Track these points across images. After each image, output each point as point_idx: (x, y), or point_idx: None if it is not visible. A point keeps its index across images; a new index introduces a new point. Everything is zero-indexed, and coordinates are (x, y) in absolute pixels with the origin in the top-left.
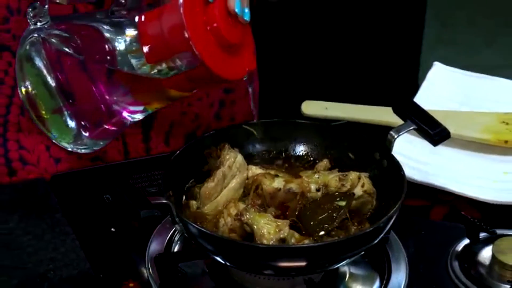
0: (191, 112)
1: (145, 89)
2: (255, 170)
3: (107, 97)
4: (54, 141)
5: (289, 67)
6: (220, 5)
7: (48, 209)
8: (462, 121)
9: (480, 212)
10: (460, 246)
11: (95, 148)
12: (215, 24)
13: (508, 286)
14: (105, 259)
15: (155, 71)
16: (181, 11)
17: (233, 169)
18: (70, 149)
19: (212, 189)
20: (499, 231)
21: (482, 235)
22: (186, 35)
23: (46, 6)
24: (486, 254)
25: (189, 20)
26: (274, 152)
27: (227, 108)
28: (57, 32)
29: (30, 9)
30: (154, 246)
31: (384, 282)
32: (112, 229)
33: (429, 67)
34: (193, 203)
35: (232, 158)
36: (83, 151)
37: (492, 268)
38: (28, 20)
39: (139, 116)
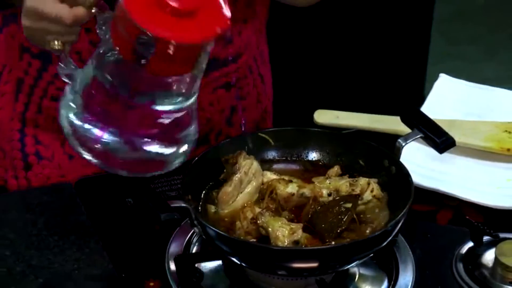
0: (203, 117)
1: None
2: (270, 175)
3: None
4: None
5: (303, 77)
6: None
7: (74, 212)
8: (467, 130)
9: (484, 216)
10: (464, 249)
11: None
12: None
13: (510, 287)
14: (127, 259)
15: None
16: None
17: (249, 175)
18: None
19: (229, 193)
20: (502, 235)
21: (486, 238)
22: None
23: (70, 60)
24: (489, 256)
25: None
26: (288, 158)
27: (238, 114)
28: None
29: (59, 69)
30: (174, 247)
31: (392, 282)
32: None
33: (434, 79)
34: (211, 207)
35: (248, 165)
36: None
37: (495, 270)
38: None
39: None
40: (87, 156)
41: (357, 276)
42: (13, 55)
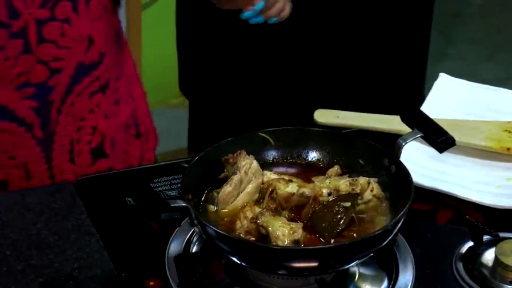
0: (88, 127)
1: None
2: (270, 175)
3: None
4: None
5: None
6: None
7: (74, 211)
8: (467, 130)
9: (484, 216)
10: (464, 248)
11: None
12: None
13: (510, 287)
14: (127, 259)
15: None
16: None
17: (249, 174)
18: None
19: (229, 193)
20: (501, 234)
21: (486, 237)
22: None
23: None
24: (489, 256)
25: None
26: (288, 158)
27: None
28: None
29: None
30: (174, 247)
31: (392, 282)
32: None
33: (434, 78)
34: (211, 206)
35: (248, 164)
36: None
37: (495, 270)
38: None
39: None
40: None
41: (357, 276)
42: None
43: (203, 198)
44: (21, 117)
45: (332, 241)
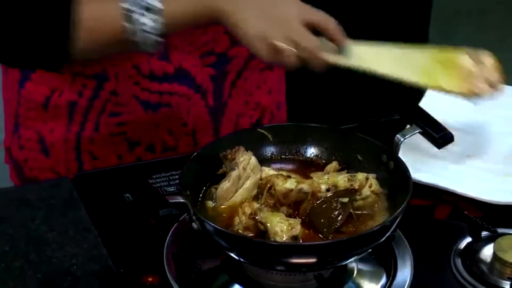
0: (252, 102)
1: None
2: (268, 171)
3: None
4: None
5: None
6: None
7: (72, 207)
8: (396, 60)
9: (482, 212)
10: (462, 244)
11: None
12: None
13: (508, 282)
14: (126, 255)
15: None
16: None
17: (247, 170)
18: None
19: (228, 189)
20: (500, 230)
21: (484, 233)
22: None
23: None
24: (487, 252)
25: None
26: (286, 154)
27: (282, 97)
28: None
29: None
30: (172, 243)
31: (391, 277)
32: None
33: None
34: (209, 202)
35: (246, 160)
36: None
37: (493, 265)
38: None
39: None
40: None
41: (355, 271)
42: (63, 79)
43: (201, 194)
44: (199, 84)
45: (331, 237)
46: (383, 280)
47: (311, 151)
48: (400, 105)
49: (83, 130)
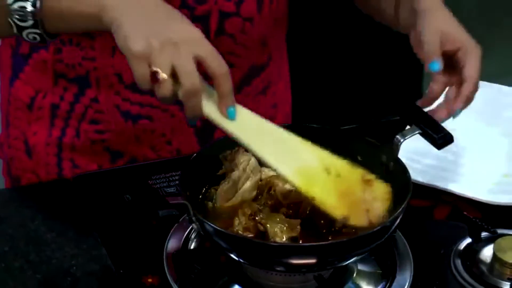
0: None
1: None
2: (268, 172)
3: None
4: None
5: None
6: None
7: (72, 208)
8: (281, 148)
9: (481, 212)
10: (462, 245)
11: None
12: None
13: (508, 283)
14: (125, 255)
15: None
16: None
17: (247, 171)
18: None
19: (227, 190)
20: (499, 231)
21: (484, 234)
22: None
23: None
24: (487, 252)
25: None
26: None
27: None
28: None
29: None
30: (172, 244)
31: (390, 278)
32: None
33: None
34: (209, 203)
35: (246, 161)
36: None
37: (493, 266)
38: None
39: None
40: None
41: (355, 272)
42: (47, 80)
43: (201, 195)
44: None
45: (330, 237)
46: (383, 281)
47: None
48: (400, 106)
49: (64, 135)
